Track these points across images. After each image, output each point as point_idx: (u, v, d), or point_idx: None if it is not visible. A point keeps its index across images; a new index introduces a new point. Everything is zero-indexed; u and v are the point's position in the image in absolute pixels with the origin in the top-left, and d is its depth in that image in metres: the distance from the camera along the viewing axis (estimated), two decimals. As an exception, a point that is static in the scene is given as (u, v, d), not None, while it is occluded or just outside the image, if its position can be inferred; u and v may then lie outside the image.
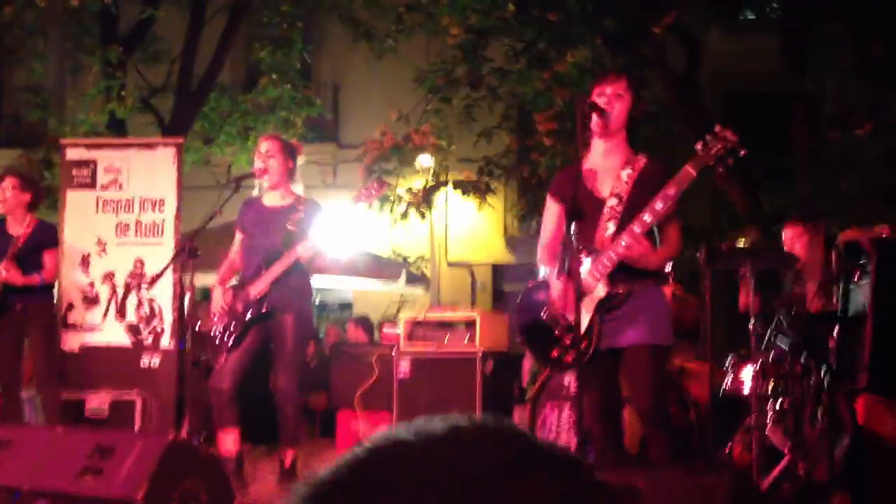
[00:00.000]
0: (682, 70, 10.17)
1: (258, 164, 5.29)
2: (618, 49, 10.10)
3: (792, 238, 5.25)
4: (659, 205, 3.56)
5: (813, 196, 9.19)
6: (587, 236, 3.61)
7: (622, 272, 3.60)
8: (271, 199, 5.33)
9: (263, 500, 4.98)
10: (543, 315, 3.70)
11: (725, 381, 5.37)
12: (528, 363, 6.77)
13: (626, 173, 3.70)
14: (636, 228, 3.55)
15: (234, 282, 5.36)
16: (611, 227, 3.64)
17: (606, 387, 3.69)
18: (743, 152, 3.64)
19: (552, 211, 3.91)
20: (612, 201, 3.68)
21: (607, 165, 3.77)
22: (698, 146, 3.65)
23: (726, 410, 5.38)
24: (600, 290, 3.59)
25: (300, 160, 5.53)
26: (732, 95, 12.79)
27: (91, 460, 4.04)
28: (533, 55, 9.94)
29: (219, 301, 5.21)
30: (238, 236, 5.41)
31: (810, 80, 9.44)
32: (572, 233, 3.51)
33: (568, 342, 3.52)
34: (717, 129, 3.67)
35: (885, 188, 9.01)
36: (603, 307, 3.59)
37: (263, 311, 5.04)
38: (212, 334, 5.23)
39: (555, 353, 3.63)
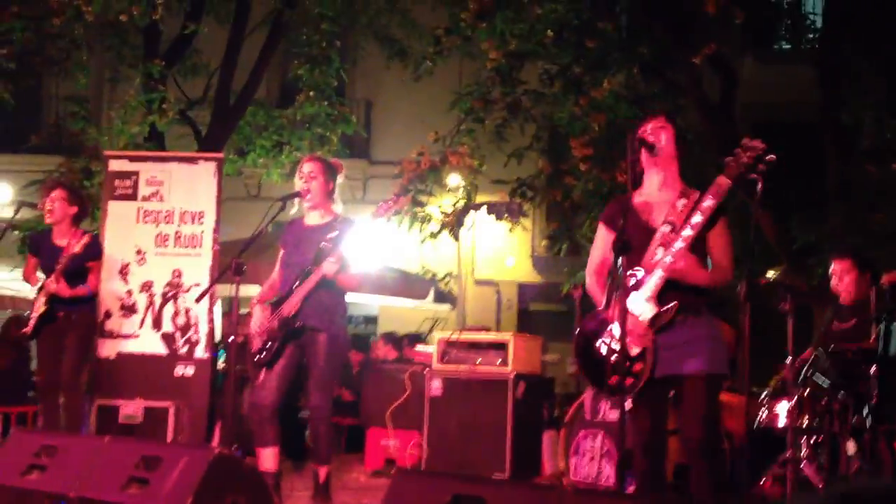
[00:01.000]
0: (716, 99, 10.21)
1: (300, 185, 5.39)
2: (652, 77, 10.16)
3: (840, 272, 5.25)
4: (697, 217, 3.61)
5: (844, 230, 9.18)
6: (636, 263, 3.65)
7: (671, 291, 3.63)
8: (312, 219, 5.44)
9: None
10: (598, 343, 3.74)
11: (760, 414, 5.38)
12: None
13: (681, 203, 3.75)
14: (679, 244, 3.60)
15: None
16: (660, 253, 3.67)
17: (656, 416, 3.71)
18: (771, 157, 3.71)
19: (602, 237, 3.96)
20: (665, 228, 3.72)
21: (662, 198, 3.81)
22: (728, 158, 3.72)
23: (761, 444, 5.39)
24: (648, 312, 3.61)
25: (340, 179, 5.62)
26: (764, 125, 12.80)
27: (137, 471, 4.11)
28: (568, 79, 10.01)
29: (258, 319, 5.31)
30: (281, 252, 5.51)
31: (845, 112, 9.45)
32: (619, 265, 3.56)
33: (625, 369, 3.53)
34: (745, 140, 3.75)
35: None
36: (655, 327, 3.59)
37: (297, 327, 5.13)
38: (252, 352, 5.32)
39: (613, 380, 3.63)
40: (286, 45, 13.16)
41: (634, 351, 3.56)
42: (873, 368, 4.45)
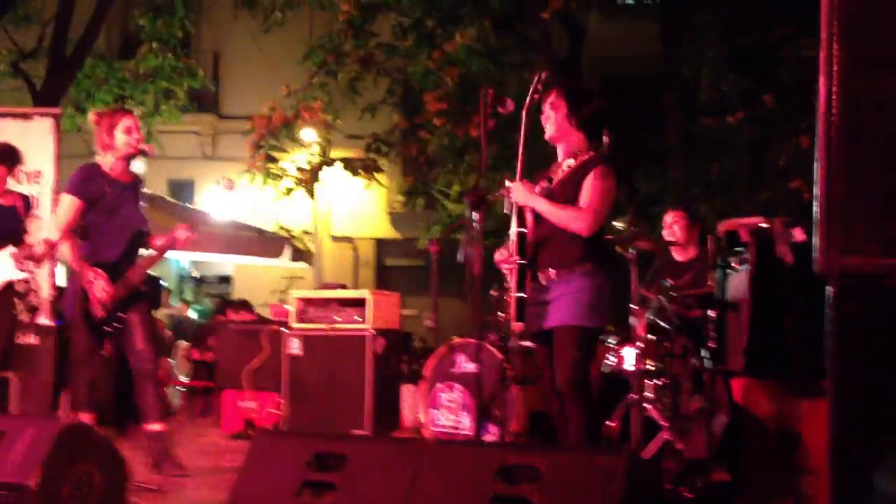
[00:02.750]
0: (565, 54, 10.42)
1: (131, 140, 5.10)
2: (504, 31, 10.27)
3: (671, 223, 5.52)
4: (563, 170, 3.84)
5: (685, 181, 9.61)
6: None
7: (546, 251, 3.83)
8: (117, 171, 5.11)
9: (169, 482, 4.92)
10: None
11: (608, 359, 5.60)
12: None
13: (567, 163, 3.93)
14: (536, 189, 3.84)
15: None
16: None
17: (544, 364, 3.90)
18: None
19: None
20: (544, 183, 3.91)
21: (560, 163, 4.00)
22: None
23: (609, 388, 5.60)
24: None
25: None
26: (609, 79, 13.18)
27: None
28: (420, 33, 9.99)
29: (100, 286, 5.01)
30: (78, 204, 5.16)
31: (686, 67, 9.84)
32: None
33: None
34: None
35: (751, 174, 9.51)
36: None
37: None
38: (97, 320, 5.08)
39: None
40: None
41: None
42: (712, 312, 4.69)
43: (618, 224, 6.02)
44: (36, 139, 7.35)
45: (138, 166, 5.39)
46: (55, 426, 3.94)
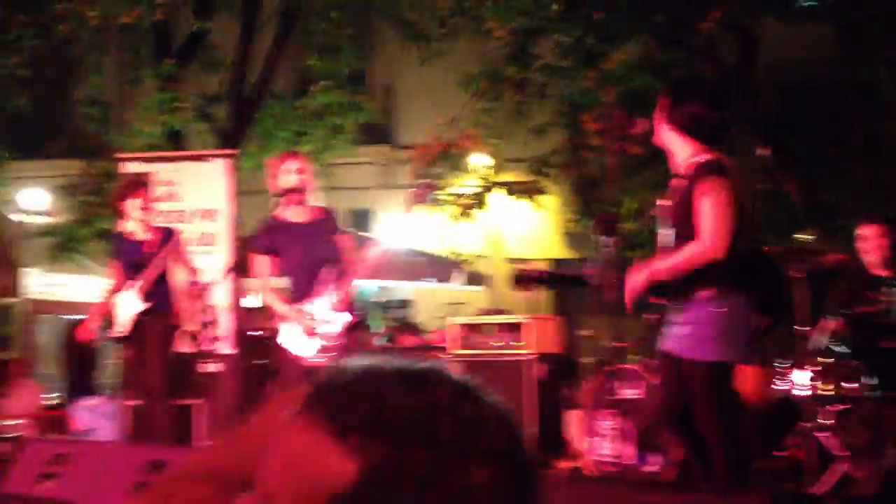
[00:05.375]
0: (734, 62, 10.00)
1: (294, 181, 5.29)
2: (669, 44, 9.98)
3: (871, 237, 5.03)
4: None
5: (869, 187, 8.97)
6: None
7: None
8: (294, 215, 5.34)
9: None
10: None
11: (778, 384, 5.29)
12: None
13: (678, 177, 3.75)
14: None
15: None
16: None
17: (671, 390, 3.70)
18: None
19: None
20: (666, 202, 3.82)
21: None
22: None
23: (778, 414, 5.29)
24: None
25: None
26: (786, 85, 12.52)
27: (144, 475, 4.15)
28: (581, 52, 9.87)
29: (304, 328, 5.22)
30: (266, 261, 5.41)
31: (866, 69, 9.21)
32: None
33: None
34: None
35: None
36: None
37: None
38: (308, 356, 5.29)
39: None
40: (301, 34, 13.16)
41: None
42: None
43: (802, 237, 5.72)
44: (213, 179, 7.81)
45: (319, 199, 5.58)
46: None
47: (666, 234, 3.65)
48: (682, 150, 3.64)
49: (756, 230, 4.57)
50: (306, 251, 5.25)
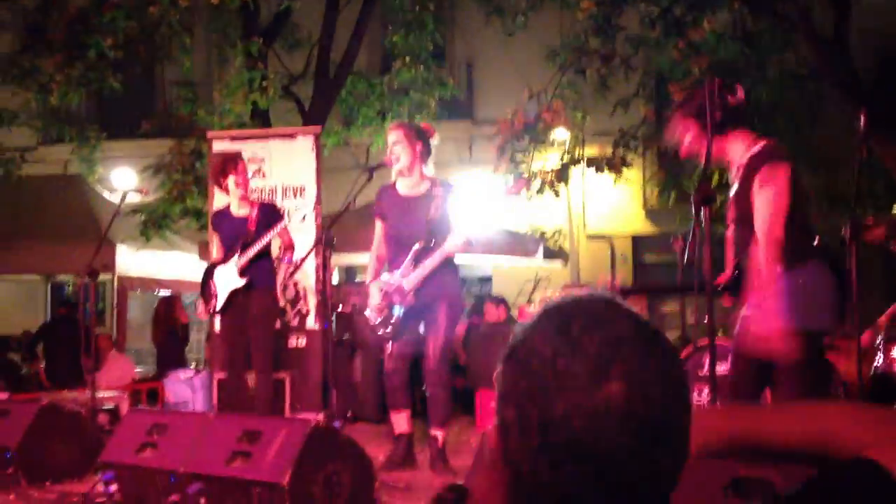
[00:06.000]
0: (829, 29, 9.65)
1: (388, 154, 5.44)
2: (760, 12, 9.68)
3: None
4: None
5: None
6: None
7: None
8: (405, 187, 5.44)
9: (421, 482, 5.09)
10: None
11: (877, 358, 5.14)
12: None
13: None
14: None
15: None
16: None
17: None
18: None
19: None
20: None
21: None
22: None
23: (879, 389, 5.14)
24: None
25: (434, 142, 5.59)
26: (883, 52, 12.05)
27: (240, 445, 4.25)
28: (669, 22, 9.65)
29: (376, 297, 5.37)
30: (379, 225, 5.55)
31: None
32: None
33: None
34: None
35: None
36: None
37: (417, 302, 5.24)
38: (374, 326, 5.43)
39: None
40: (384, 11, 13.19)
41: None
42: None
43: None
44: (300, 156, 7.89)
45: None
46: (305, 427, 4.18)
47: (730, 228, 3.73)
48: (735, 146, 3.73)
49: (858, 201, 4.41)
50: (404, 223, 5.33)
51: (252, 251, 6.10)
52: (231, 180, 6.27)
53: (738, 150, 3.71)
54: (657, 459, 0.95)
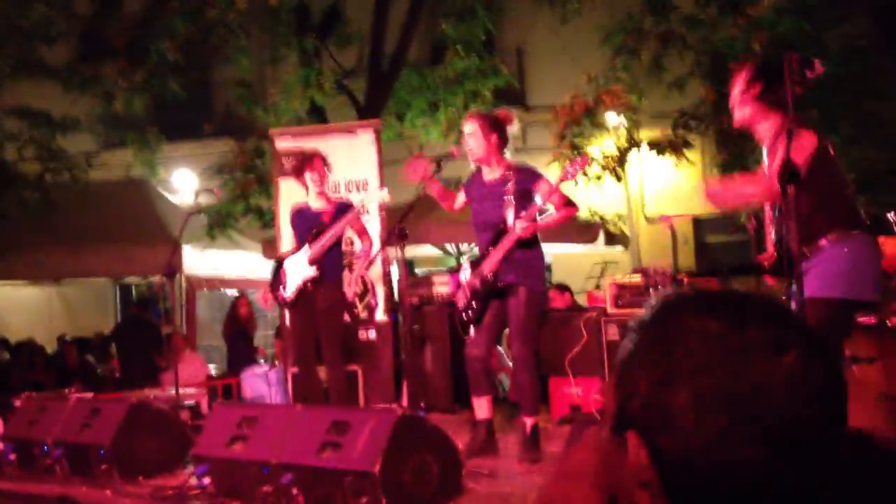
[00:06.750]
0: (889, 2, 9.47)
1: (463, 145, 5.51)
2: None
3: None
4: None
5: None
6: None
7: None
8: (487, 174, 5.50)
9: (504, 468, 5.13)
10: None
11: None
12: None
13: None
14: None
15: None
16: None
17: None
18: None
19: None
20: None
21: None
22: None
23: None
24: None
25: (512, 128, 5.63)
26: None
27: (329, 436, 4.32)
28: (724, 1, 9.54)
29: (468, 273, 5.52)
30: (461, 196, 5.67)
31: None
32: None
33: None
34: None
35: None
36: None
37: (498, 285, 5.27)
38: (458, 310, 5.52)
39: None
40: (433, 3, 13.19)
41: None
42: None
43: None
44: (361, 151, 7.97)
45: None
46: (392, 417, 4.24)
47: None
48: (769, 125, 3.82)
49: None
50: (483, 208, 5.39)
51: (324, 239, 6.19)
52: (308, 177, 6.38)
53: (774, 126, 3.78)
54: (830, 429, 0.94)
